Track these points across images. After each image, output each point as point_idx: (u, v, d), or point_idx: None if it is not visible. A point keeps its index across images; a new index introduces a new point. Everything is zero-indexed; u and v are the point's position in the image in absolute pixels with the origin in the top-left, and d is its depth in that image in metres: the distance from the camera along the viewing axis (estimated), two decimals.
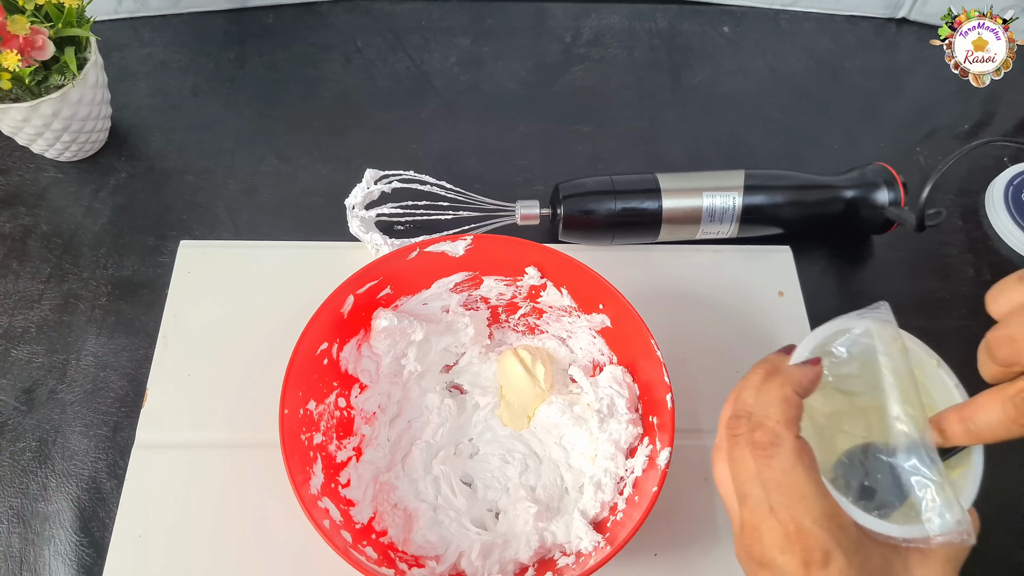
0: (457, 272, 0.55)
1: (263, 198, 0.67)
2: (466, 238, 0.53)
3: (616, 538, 0.46)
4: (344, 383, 0.54)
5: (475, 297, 0.57)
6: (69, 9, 0.58)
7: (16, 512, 0.52)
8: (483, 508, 0.53)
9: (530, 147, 0.72)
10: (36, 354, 0.58)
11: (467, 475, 0.55)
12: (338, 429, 0.53)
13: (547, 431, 0.56)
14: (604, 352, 0.56)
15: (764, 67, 0.80)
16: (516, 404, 0.57)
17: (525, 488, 0.53)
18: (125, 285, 0.62)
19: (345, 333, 0.53)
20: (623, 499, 0.50)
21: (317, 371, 0.51)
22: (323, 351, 0.51)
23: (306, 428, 0.49)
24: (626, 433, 0.51)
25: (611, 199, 0.62)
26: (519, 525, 0.51)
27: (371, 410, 0.55)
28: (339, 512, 0.48)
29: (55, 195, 0.67)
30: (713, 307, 0.63)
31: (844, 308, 0.68)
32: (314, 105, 0.74)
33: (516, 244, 0.54)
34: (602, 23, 0.82)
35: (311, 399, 0.50)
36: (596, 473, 0.52)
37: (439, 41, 0.79)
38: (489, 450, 0.56)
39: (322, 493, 0.48)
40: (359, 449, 0.54)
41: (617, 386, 0.53)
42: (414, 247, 0.53)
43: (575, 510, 0.51)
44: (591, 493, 0.51)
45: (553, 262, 0.54)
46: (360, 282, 0.52)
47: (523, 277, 0.55)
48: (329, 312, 0.51)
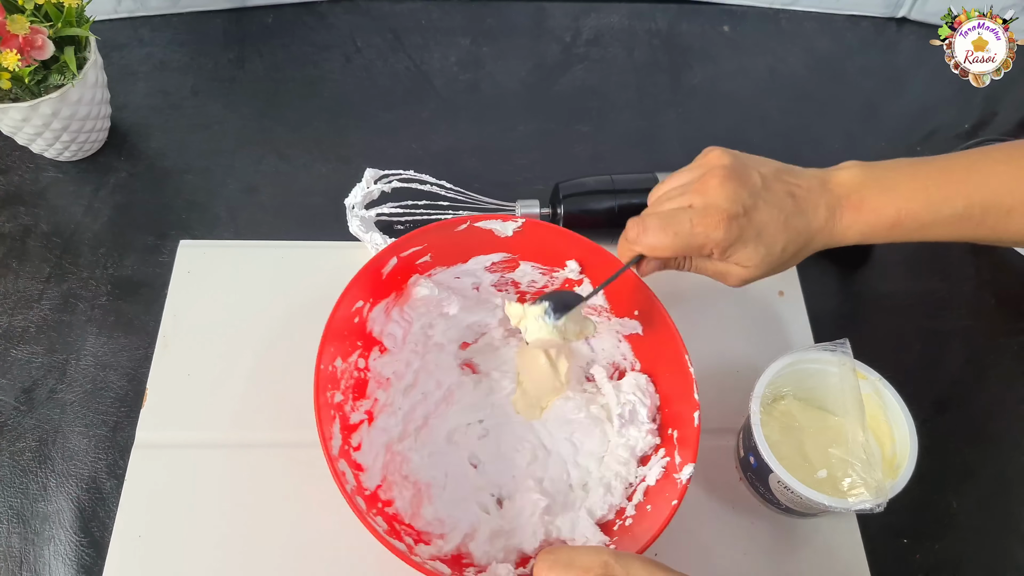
0: (497, 252, 0.55)
1: (263, 198, 0.67)
2: (517, 219, 0.53)
3: (623, 543, 0.46)
4: (367, 344, 0.54)
5: (507, 280, 0.58)
6: (69, 9, 0.58)
7: (16, 512, 0.52)
8: (487, 492, 0.53)
9: (530, 147, 0.72)
10: (36, 354, 0.58)
11: (475, 456, 0.55)
12: (354, 389, 0.53)
13: (558, 425, 0.56)
14: (627, 357, 0.56)
15: (764, 67, 0.80)
16: (532, 393, 0.57)
17: (533, 479, 0.53)
18: (125, 284, 0.62)
19: (379, 294, 0.53)
20: (632, 505, 0.50)
21: (348, 328, 0.51)
22: (357, 309, 0.52)
23: (331, 385, 0.49)
24: (643, 442, 0.51)
25: (611, 198, 0.62)
26: (526, 515, 0.51)
27: (386, 375, 0.55)
28: (352, 476, 0.48)
29: (55, 195, 0.67)
30: (713, 307, 0.63)
31: (844, 308, 0.68)
32: (314, 105, 0.74)
33: (564, 235, 0.54)
34: (602, 23, 0.82)
35: (338, 356, 0.50)
36: (605, 475, 0.52)
37: (439, 41, 0.79)
38: (500, 434, 0.56)
39: (339, 455, 0.48)
40: (371, 413, 0.53)
41: (640, 394, 0.53)
42: (465, 219, 0.53)
43: (582, 508, 0.51)
44: (599, 494, 0.51)
45: (597, 260, 0.54)
46: (405, 246, 0.52)
47: (562, 269, 0.55)
48: (372, 271, 0.51)
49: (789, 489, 0.47)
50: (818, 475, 0.49)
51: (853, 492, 0.48)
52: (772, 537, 0.54)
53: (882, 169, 0.48)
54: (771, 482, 0.49)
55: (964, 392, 0.61)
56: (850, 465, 0.48)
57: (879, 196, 0.47)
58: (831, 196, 0.47)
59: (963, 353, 0.64)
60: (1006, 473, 0.57)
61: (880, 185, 0.47)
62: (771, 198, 0.47)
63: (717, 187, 0.46)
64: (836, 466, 0.49)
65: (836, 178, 0.48)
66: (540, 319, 0.49)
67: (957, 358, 0.63)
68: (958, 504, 0.56)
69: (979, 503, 0.56)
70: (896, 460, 0.48)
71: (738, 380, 0.58)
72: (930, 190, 0.47)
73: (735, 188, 0.46)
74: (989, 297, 0.66)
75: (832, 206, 0.47)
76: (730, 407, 0.54)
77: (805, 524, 0.54)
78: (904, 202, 0.47)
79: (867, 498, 0.46)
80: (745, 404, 0.50)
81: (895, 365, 0.52)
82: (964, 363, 0.63)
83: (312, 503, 0.52)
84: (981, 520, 0.56)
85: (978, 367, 0.62)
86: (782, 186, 0.47)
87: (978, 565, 0.55)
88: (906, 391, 0.50)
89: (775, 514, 0.54)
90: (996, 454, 0.58)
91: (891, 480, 0.47)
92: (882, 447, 0.50)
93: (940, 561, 0.54)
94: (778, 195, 0.47)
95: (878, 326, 0.64)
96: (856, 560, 0.53)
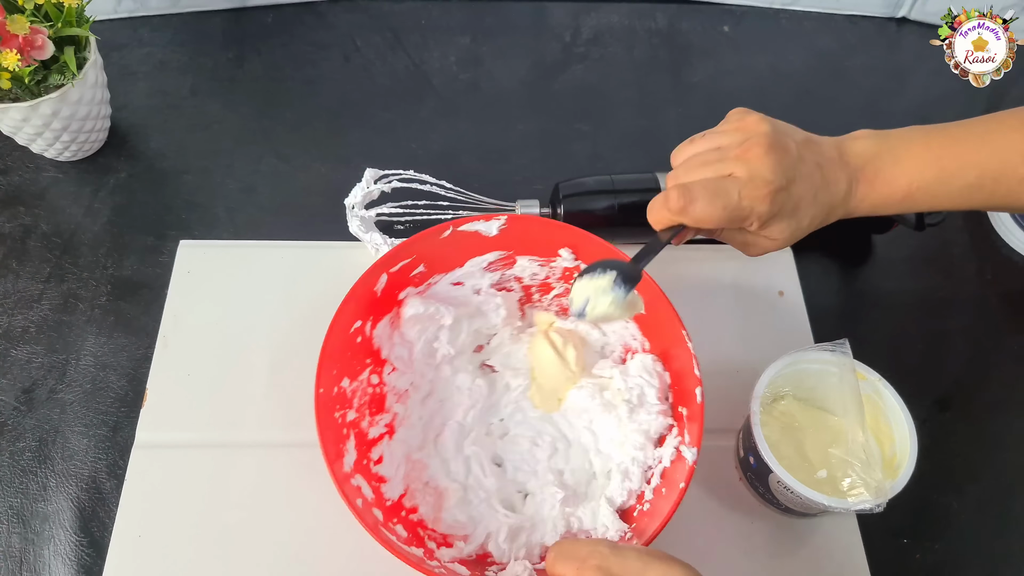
0: (491, 251, 0.55)
1: (262, 198, 0.67)
2: (499, 218, 0.53)
3: (642, 529, 0.46)
4: (377, 360, 0.54)
5: (509, 277, 0.58)
6: (68, 9, 0.58)
7: (16, 512, 0.52)
8: (512, 490, 0.53)
9: (530, 146, 0.72)
10: (36, 354, 0.58)
11: (497, 456, 0.55)
12: (371, 405, 0.53)
13: (577, 415, 0.56)
14: (637, 337, 0.56)
15: (765, 66, 0.80)
16: (547, 386, 0.57)
17: (553, 472, 0.53)
18: (125, 285, 0.62)
19: (379, 311, 0.53)
20: (650, 489, 0.50)
21: (351, 349, 0.51)
22: (357, 329, 0.51)
23: (340, 406, 0.49)
24: (656, 423, 0.51)
25: (611, 198, 0.62)
26: (546, 509, 0.51)
27: (403, 387, 0.55)
28: (371, 489, 0.48)
29: (55, 195, 0.67)
30: (713, 307, 0.63)
31: (844, 308, 0.68)
32: (313, 104, 0.74)
33: (549, 225, 0.54)
34: (602, 22, 0.82)
35: (345, 376, 0.50)
36: (624, 460, 0.52)
37: (438, 40, 0.79)
38: (519, 431, 0.56)
39: (355, 471, 0.48)
40: (391, 426, 0.53)
41: (647, 375, 0.53)
42: (447, 226, 0.53)
43: (602, 497, 0.51)
44: (618, 481, 0.51)
45: (588, 245, 0.54)
46: (394, 260, 0.52)
47: (557, 259, 0.55)
48: (363, 290, 0.51)
49: (789, 489, 0.47)
50: (818, 475, 0.49)
51: (853, 492, 0.48)
52: (772, 537, 0.53)
53: (895, 139, 0.47)
54: (771, 482, 0.49)
55: (965, 392, 0.61)
56: (850, 465, 0.48)
57: (892, 168, 0.46)
58: (849, 168, 0.47)
59: (964, 353, 0.63)
60: (1006, 473, 0.57)
61: (893, 156, 0.47)
62: (804, 170, 0.46)
63: (762, 156, 0.44)
64: (836, 466, 0.49)
65: (852, 149, 0.47)
66: (609, 292, 0.45)
67: (958, 358, 0.63)
68: (958, 504, 0.56)
69: (979, 503, 0.56)
70: (896, 460, 0.48)
71: (738, 380, 0.58)
72: (943, 161, 0.46)
73: (778, 159, 0.44)
74: (990, 296, 0.66)
75: (849, 179, 0.47)
76: (730, 407, 0.54)
77: (805, 524, 0.54)
78: (917, 174, 0.46)
79: (867, 498, 0.46)
80: (744, 404, 0.50)
81: (895, 365, 0.52)
82: (965, 363, 0.63)
83: (312, 503, 0.52)
84: (981, 520, 0.56)
85: (979, 367, 0.62)
86: (812, 156, 0.46)
87: (978, 565, 0.54)
88: (906, 391, 0.50)
89: (775, 514, 0.54)
90: (996, 454, 0.58)
91: (891, 480, 0.47)
92: (882, 447, 0.50)
93: (940, 561, 0.54)
94: (809, 167, 0.46)
95: (878, 325, 0.64)
96: (856, 560, 0.53)
